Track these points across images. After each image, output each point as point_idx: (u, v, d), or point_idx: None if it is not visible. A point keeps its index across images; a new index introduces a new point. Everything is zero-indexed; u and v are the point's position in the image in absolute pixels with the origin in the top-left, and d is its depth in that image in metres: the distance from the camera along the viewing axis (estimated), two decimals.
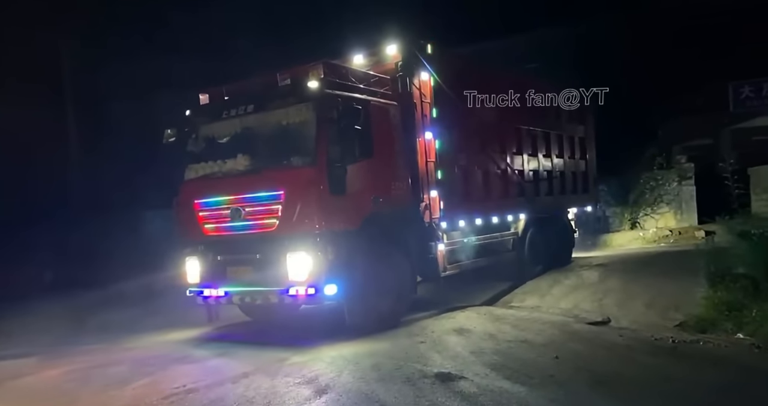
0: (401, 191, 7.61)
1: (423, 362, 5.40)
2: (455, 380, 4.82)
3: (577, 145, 12.23)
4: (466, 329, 6.74)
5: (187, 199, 7.28)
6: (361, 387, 4.77)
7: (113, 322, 8.54)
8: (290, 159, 6.67)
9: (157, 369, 5.86)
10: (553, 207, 11.24)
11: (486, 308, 8.17)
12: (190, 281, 7.30)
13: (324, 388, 4.82)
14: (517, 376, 4.89)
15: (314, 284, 6.42)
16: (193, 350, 6.73)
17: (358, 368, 5.34)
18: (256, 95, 7.00)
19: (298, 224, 6.45)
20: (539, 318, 7.39)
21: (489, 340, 6.21)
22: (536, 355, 5.60)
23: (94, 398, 5.11)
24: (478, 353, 5.65)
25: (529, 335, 6.37)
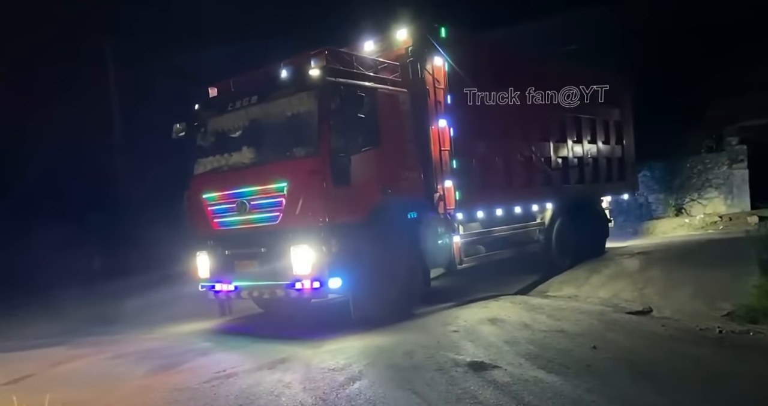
0: (412, 181, 7.34)
1: (456, 351, 5.36)
2: (488, 369, 4.76)
3: (612, 129, 11.57)
4: (499, 319, 6.64)
5: (196, 193, 7.27)
6: (393, 375, 4.79)
7: (137, 311, 8.73)
8: (293, 150, 6.52)
9: (194, 355, 6.10)
10: (585, 196, 10.68)
11: (521, 298, 8.01)
12: (201, 276, 7.31)
13: (357, 375, 4.87)
14: (552, 366, 4.79)
15: (318, 278, 6.28)
16: (221, 338, 6.88)
17: (389, 356, 5.37)
18: (260, 86, 6.88)
19: (301, 216, 6.30)
20: (576, 308, 7.20)
21: (524, 329, 6.11)
22: (573, 345, 5.45)
23: (142, 381, 5.38)
24: (512, 343, 5.57)
25: (566, 325, 6.21)
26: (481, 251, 8.47)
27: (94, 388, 5.19)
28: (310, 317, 7.63)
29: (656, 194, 16.51)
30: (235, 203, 6.80)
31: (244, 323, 7.70)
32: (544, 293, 8.48)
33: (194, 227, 7.39)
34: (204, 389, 4.86)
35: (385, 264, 6.74)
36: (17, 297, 10.63)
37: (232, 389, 4.78)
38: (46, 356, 6.57)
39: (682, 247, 11.09)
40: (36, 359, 6.41)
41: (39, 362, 6.25)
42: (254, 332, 6.96)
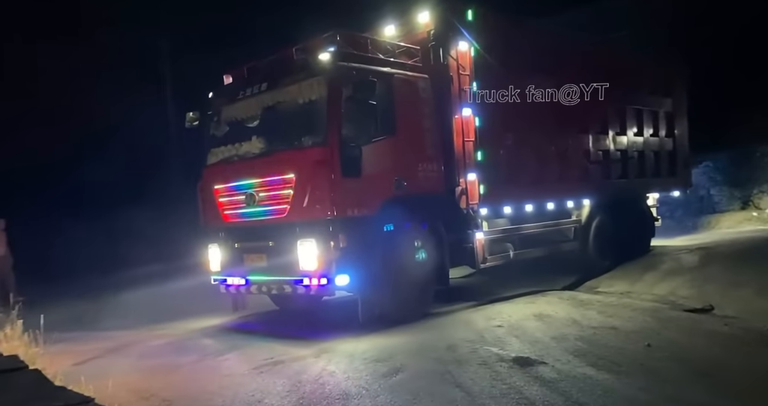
0: (431, 174, 6.89)
1: (500, 346, 5.24)
2: (534, 365, 4.64)
3: (661, 120, 10.68)
4: (546, 315, 6.46)
5: (208, 184, 7.08)
6: (436, 368, 4.73)
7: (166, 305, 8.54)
8: (301, 139, 6.20)
9: (239, 343, 6.16)
10: (627, 192, 9.88)
11: (569, 293, 7.73)
12: (213, 269, 7.13)
13: (400, 367, 4.83)
14: (602, 363, 4.63)
15: (325, 274, 5.95)
16: (241, 335, 6.75)
17: (431, 349, 5.31)
18: (270, 73, 6.59)
19: (309, 209, 5.98)
20: (629, 304, 6.91)
21: (572, 326, 5.93)
22: (625, 342, 5.25)
23: (193, 366, 5.54)
24: (559, 339, 5.41)
25: (617, 322, 6.00)
26: (509, 249, 7.93)
27: (150, 372, 5.39)
28: (331, 315, 7.34)
29: (719, 186, 15.25)
30: (244, 194, 6.56)
31: (257, 320, 7.49)
32: (594, 289, 8.15)
33: (206, 218, 7.21)
34: (252, 376, 4.95)
35: (397, 261, 6.35)
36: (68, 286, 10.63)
37: (279, 376, 4.85)
38: (106, 341, 6.81)
39: (748, 242, 10.32)
40: (96, 344, 6.62)
41: (100, 347, 6.49)
42: (272, 332, 6.66)
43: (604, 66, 9.28)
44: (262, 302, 7.78)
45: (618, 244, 9.43)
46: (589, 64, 9.09)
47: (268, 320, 7.49)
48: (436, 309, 7.00)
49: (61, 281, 10.26)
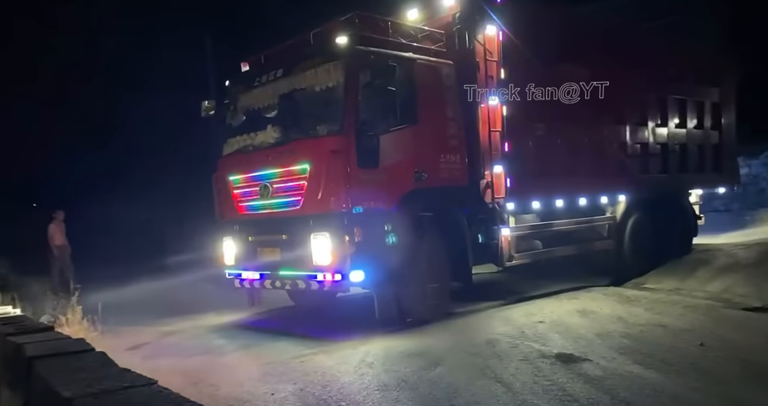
0: (454, 165, 6.51)
1: (542, 342, 5.15)
2: (578, 362, 4.52)
3: (707, 112, 9.95)
4: (590, 311, 6.32)
5: (223, 175, 6.87)
6: (476, 362, 4.69)
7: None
8: (316, 128, 5.90)
9: (278, 333, 6.19)
10: (667, 188, 9.24)
11: (614, 289, 7.54)
12: (227, 263, 6.93)
13: (438, 360, 4.79)
14: (650, 361, 4.48)
15: (339, 270, 5.66)
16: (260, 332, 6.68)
17: (470, 344, 5.26)
18: (287, 58, 6.31)
19: (323, 202, 5.69)
20: (680, 301, 6.73)
21: (617, 322, 5.77)
22: (675, 341, 5.07)
23: (237, 354, 5.66)
24: (604, 336, 5.27)
25: (667, 319, 5.81)
26: (537, 247, 7.49)
27: (198, 357, 5.56)
28: (350, 313, 7.07)
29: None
30: (258, 185, 6.31)
31: (270, 316, 7.30)
32: (641, 285, 7.86)
33: (220, 210, 7.01)
34: (294, 364, 5.02)
35: (415, 258, 6.01)
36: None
37: (319, 366, 4.88)
38: (154, 328, 7.01)
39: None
40: (147, 332, 6.81)
41: (150, 334, 6.70)
42: (288, 330, 6.44)
43: (644, 52, 8.69)
44: (280, 297, 7.58)
45: (656, 243, 8.84)
46: (627, 51, 8.49)
47: (283, 317, 7.28)
48: (460, 308, 6.69)
49: (108, 267, 10.34)
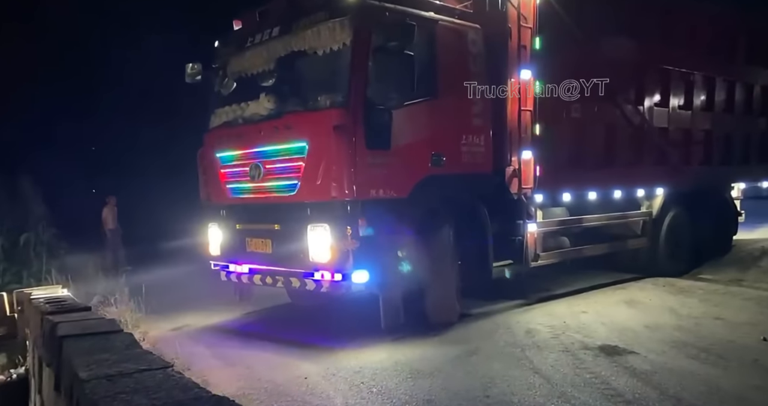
0: (477, 149, 5.58)
1: (584, 333, 4.94)
2: (623, 355, 4.31)
3: (757, 96, 8.93)
4: (638, 301, 6.09)
5: (209, 152, 5.96)
6: (512, 352, 4.52)
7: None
8: (317, 99, 4.96)
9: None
10: (709, 181, 8.30)
11: (665, 279, 7.18)
12: (212, 253, 6.07)
13: (474, 349, 4.65)
14: (705, 356, 4.23)
15: (340, 268, 4.79)
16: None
17: (509, 333, 5.08)
18: (286, 15, 5.33)
19: (323, 187, 4.79)
20: (740, 293, 6.40)
21: (668, 314, 5.54)
22: (734, 335, 4.78)
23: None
24: (653, 328, 5.04)
25: (725, 312, 5.53)
26: (565, 245, 6.62)
27: (232, 340, 5.43)
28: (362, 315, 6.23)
29: None
30: (248, 165, 5.41)
31: (260, 318, 6.45)
32: (697, 275, 7.48)
33: (206, 193, 6.12)
34: (326, 352, 4.80)
35: (430, 256, 5.15)
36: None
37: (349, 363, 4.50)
38: (196, 311, 6.65)
39: None
40: (186, 316, 6.45)
41: (193, 318, 6.40)
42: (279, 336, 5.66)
43: (692, 27, 7.68)
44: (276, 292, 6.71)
45: (695, 242, 7.96)
46: (673, 24, 7.49)
47: (276, 319, 6.45)
48: (479, 309, 5.99)
49: (151, 248, 10.17)
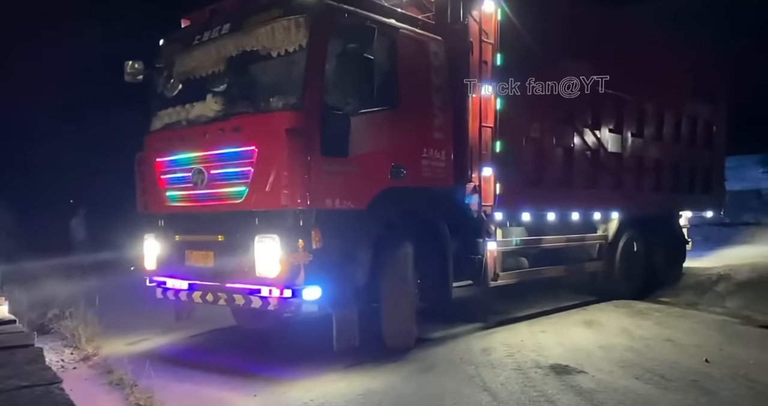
0: (438, 163, 5.35)
1: (539, 352, 5.01)
2: (572, 374, 4.42)
3: (700, 129, 9.26)
4: (596, 322, 6.21)
5: (149, 156, 5.47)
6: (467, 369, 4.58)
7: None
8: (269, 100, 4.62)
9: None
10: (660, 207, 8.43)
11: (625, 302, 7.31)
12: (147, 267, 5.51)
13: (429, 365, 4.69)
14: (649, 376, 4.35)
15: (289, 284, 4.37)
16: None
17: (466, 350, 5.15)
18: (236, 12, 5.01)
19: (273, 195, 4.41)
20: (693, 316, 6.60)
21: (622, 335, 5.66)
22: (680, 356, 4.90)
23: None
24: (606, 348, 5.14)
25: (676, 334, 5.67)
26: (524, 265, 6.44)
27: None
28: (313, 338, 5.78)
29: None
30: (190, 170, 4.96)
31: (201, 342, 5.86)
32: (656, 298, 7.63)
33: (144, 201, 5.60)
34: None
35: (387, 273, 4.83)
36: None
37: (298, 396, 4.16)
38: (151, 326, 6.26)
39: None
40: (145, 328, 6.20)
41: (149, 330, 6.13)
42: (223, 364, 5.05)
43: (645, 58, 7.85)
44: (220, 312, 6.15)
45: (647, 266, 8.03)
46: (630, 52, 7.64)
47: (219, 344, 5.85)
48: (438, 332, 5.70)
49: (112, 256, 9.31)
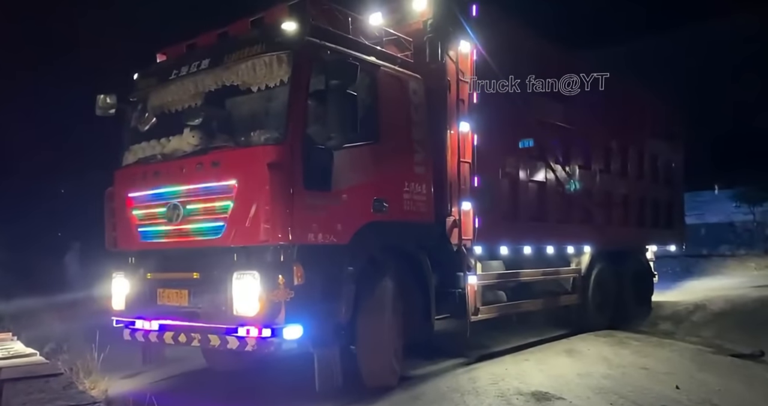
0: (419, 197, 5.35)
1: (521, 379, 5.21)
2: (551, 400, 4.59)
3: (661, 166, 9.69)
4: (577, 351, 6.46)
5: (120, 192, 5.27)
6: (453, 397, 4.73)
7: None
8: (250, 134, 4.55)
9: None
10: (629, 241, 8.67)
11: (607, 332, 7.61)
12: (115, 307, 5.23)
13: (416, 396, 4.78)
14: (622, 402, 4.55)
15: (269, 323, 4.19)
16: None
17: (452, 378, 5.34)
18: (216, 47, 4.99)
19: (253, 229, 4.28)
20: (670, 344, 6.87)
21: (601, 363, 5.87)
22: (653, 383, 5.10)
23: None
24: (584, 376, 5.34)
25: (651, 362, 5.90)
26: (503, 299, 6.43)
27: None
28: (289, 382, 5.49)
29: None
30: (165, 205, 4.79)
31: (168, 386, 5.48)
32: (637, 328, 7.95)
33: (113, 238, 5.36)
34: None
35: (371, 309, 4.71)
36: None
37: None
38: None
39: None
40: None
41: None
42: None
43: (612, 97, 8.15)
44: (189, 353, 5.86)
45: (618, 299, 8.19)
46: (596, 95, 7.95)
47: (185, 389, 5.54)
48: (421, 369, 5.63)
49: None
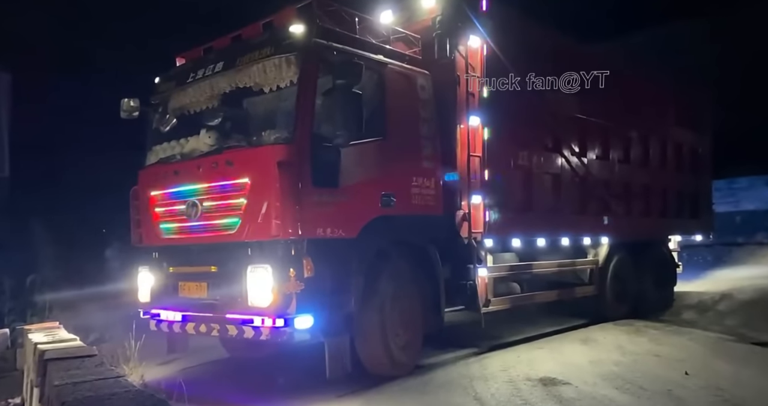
0: (427, 191, 5.47)
1: (532, 366, 5.31)
2: (557, 385, 4.70)
3: (687, 156, 9.49)
4: (593, 339, 6.48)
5: (143, 190, 5.57)
6: (462, 382, 4.89)
7: None
8: (261, 134, 4.76)
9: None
10: (649, 232, 8.56)
11: (626, 321, 7.55)
12: (141, 299, 5.55)
13: (426, 382, 4.95)
14: (628, 387, 4.61)
15: (282, 313, 4.41)
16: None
17: (463, 366, 5.46)
18: (229, 50, 5.21)
19: (265, 225, 4.50)
20: (689, 333, 6.80)
21: (614, 351, 5.91)
22: (664, 369, 5.15)
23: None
24: (596, 363, 5.40)
25: (665, 349, 5.91)
26: (516, 290, 6.52)
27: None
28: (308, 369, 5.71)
29: None
30: (184, 203, 5.06)
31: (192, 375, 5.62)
32: (659, 317, 7.87)
33: (138, 234, 5.67)
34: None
35: (380, 300, 4.89)
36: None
37: None
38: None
39: None
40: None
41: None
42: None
43: (630, 87, 8.07)
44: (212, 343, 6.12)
45: (638, 290, 8.11)
46: (614, 83, 7.86)
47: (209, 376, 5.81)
48: (433, 358, 5.71)
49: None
